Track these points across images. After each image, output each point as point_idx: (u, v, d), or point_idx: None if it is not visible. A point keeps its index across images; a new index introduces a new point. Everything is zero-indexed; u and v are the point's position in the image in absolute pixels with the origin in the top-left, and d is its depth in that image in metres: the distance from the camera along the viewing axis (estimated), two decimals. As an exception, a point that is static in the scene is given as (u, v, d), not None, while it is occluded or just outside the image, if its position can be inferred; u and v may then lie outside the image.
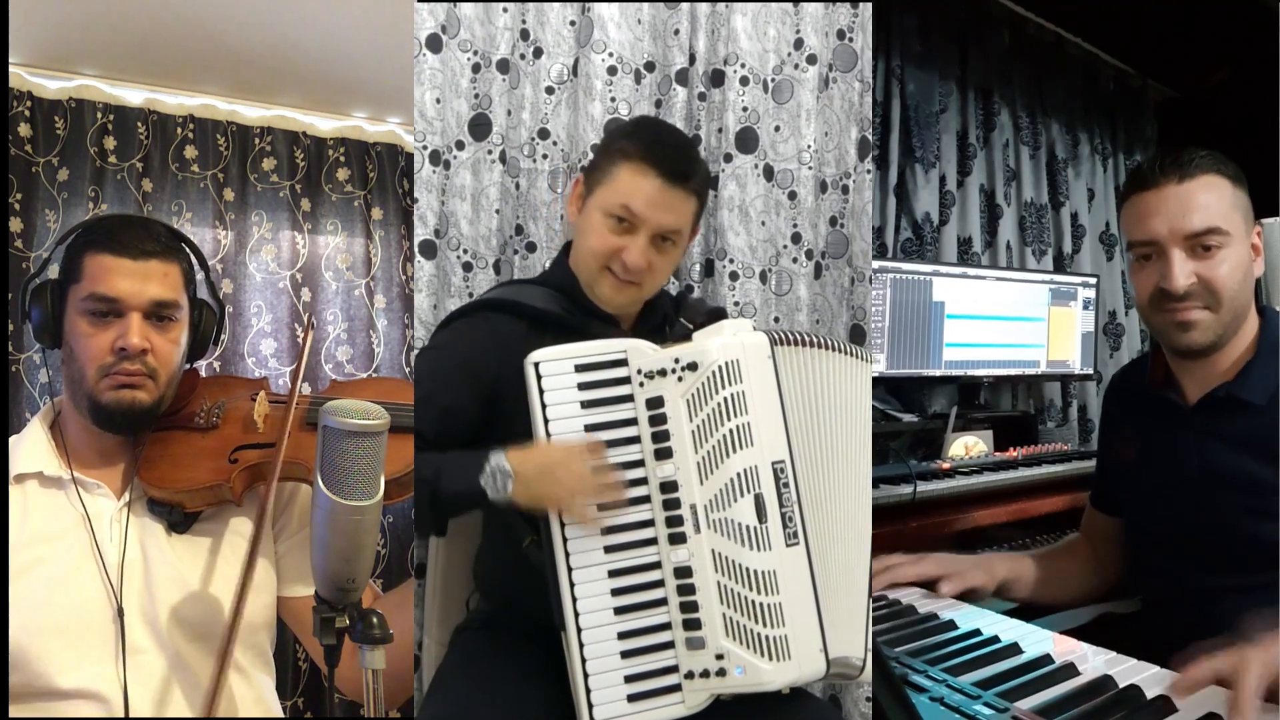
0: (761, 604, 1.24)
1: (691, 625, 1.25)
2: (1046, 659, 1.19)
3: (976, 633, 1.29)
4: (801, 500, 1.30)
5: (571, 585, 1.26)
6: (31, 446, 1.38)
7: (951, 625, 1.33)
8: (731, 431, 1.27)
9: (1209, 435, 1.36)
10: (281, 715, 1.50)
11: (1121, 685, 1.09)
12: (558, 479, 1.24)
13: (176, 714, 1.32)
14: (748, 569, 1.25)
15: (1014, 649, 1.23)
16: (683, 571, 1.27)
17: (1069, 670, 1.15)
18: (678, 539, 1.27)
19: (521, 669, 1.35)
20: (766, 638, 1.24)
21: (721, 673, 1.24)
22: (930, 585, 1.48)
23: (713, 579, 1.25)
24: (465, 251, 1.88)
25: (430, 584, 1.69)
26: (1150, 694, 1.07)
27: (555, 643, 1.28)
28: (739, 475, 1.27)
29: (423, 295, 1.85)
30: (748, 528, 1.26)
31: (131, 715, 1.28)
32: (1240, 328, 1.36)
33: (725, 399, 1.28)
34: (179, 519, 1.37)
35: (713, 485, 1.27)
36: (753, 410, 1.29)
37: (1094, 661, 1.18)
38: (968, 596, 1.47)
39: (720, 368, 1.28)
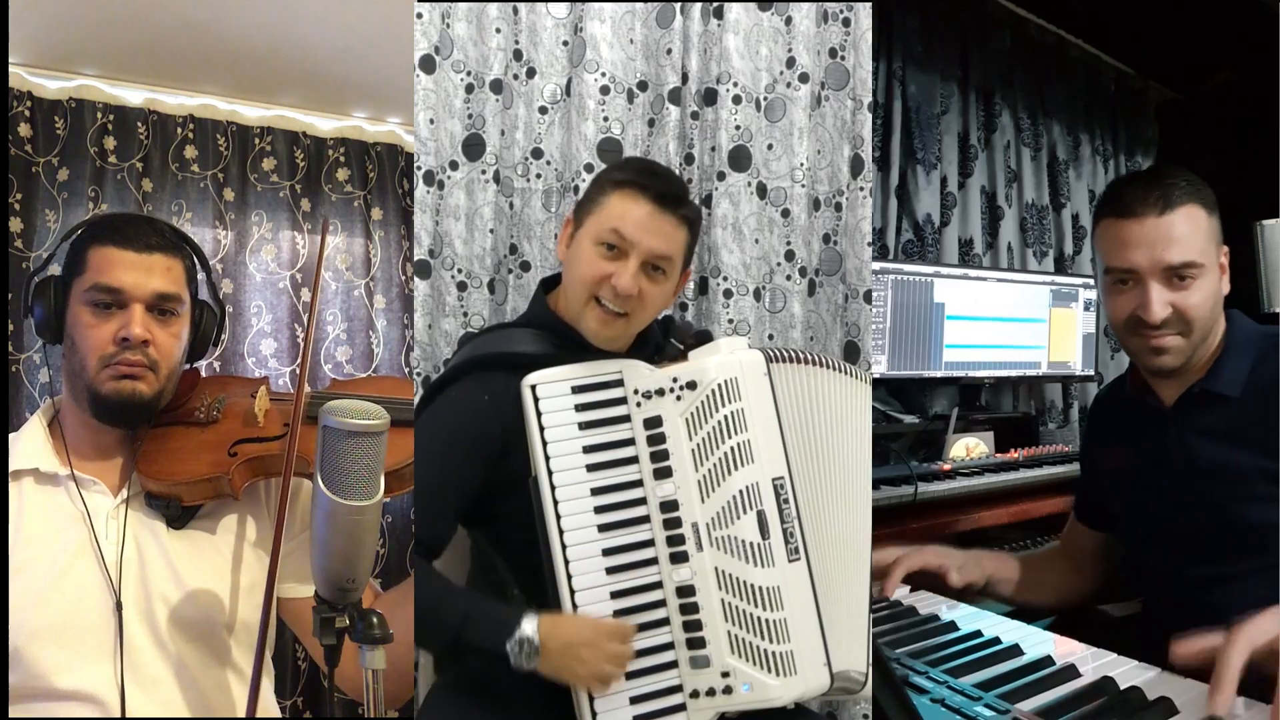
0: (767, 620, 1.25)
1: (696, 644, 1.25)
2: (1047, 660, 1.19)
3: (977, 634, 1.29)
4: (801, 516, 1.30)
5: (575, 607, 1.26)
6: (28, 443, 1.38)
7: (953, 627, 1.33)
8: (732, 449, 1.28)
9: (1189, 430, 1.41)
10: (281, 715, 1.49)
11: (1122, 687, 1.09)
12: (582, 659, 1.22)
13: (175, 714, 1.32)
14: (752, 585, 1.25)
15: (1015, 650, 1.23)
16: (685, 591, 1.27)
17: (1070, 672, 1.15)
18: (679, 558, 1.27)
19: (515, 692, 1.34)
20: (773, 654, 1.24)
21: (728, 690, 1.24)
22: (931, 578, 1.50)
23: (716, 597, 1.26)
24: (460, 271, 1.88)
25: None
26: (1151, 696, 1.07)
27: None
28: (741, 493, 1.27)
29: (418, 315, 1.85)
30: (751, 544, 1.26)
31: (129, 715, 1.27)
32: (1208, 342, 1.41)
33: (725, 417, 1.29)
34: (177, 513, 1.37)
35: (714, 503, 1.27)
36: (752, 427, 1.30)
37: (1095, 663, 1.18)
38: (960, 594, 1.49)
39: (720, 386, 1.29)
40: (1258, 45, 2.64)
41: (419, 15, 1.85)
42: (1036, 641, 1.26)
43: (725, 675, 1.24)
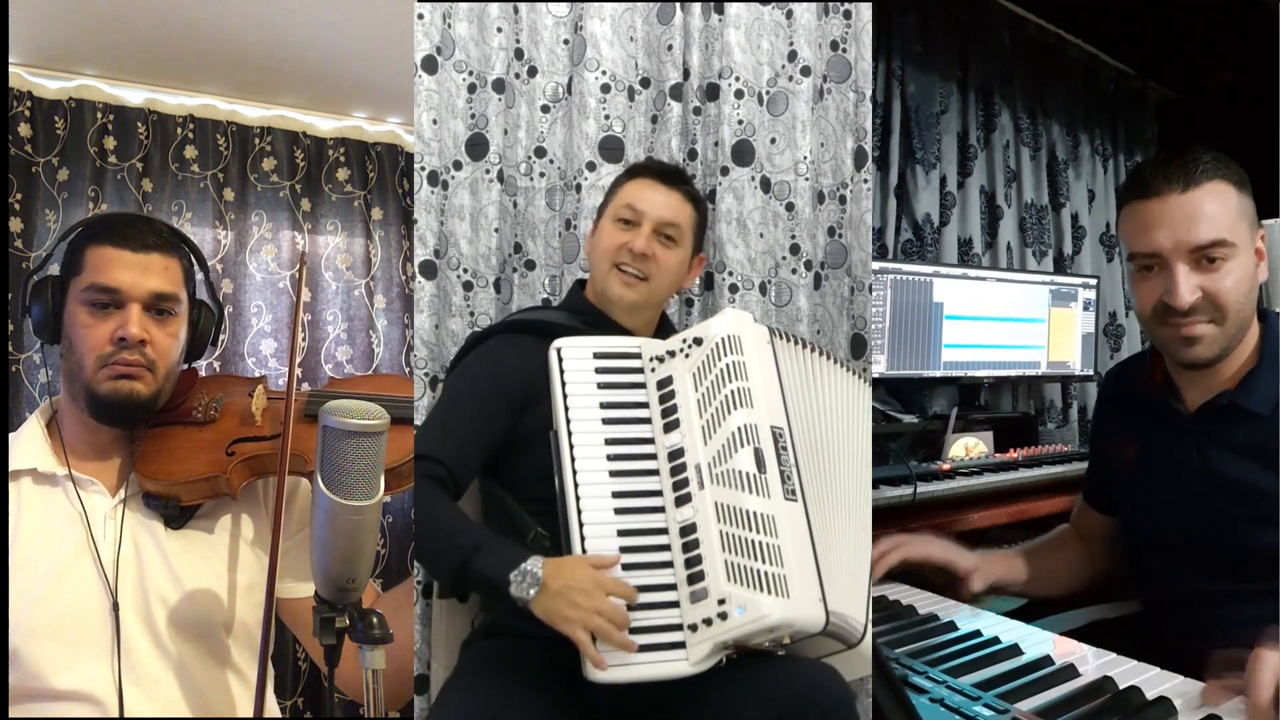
0: (760, 543, 1.29)
1: (695, 579, 1.29)
2: (1047, 660, 1.19)
3: (977, 634, 1.29)
4: (800, 469, 1.38)
5: (583, 540, 1.31)
6: (27, 444, 1.38)
7: (952, 626, 1.33)
8: (732, 393, 1.38)
9: (1210, 442, 1.34)
10: (280, 715, 1.49)
11: (1122, 686, 1.09)
12: (577, 604, 1.24)
13: (173, 714, 1.32)
14: (748, 511, 1.31)
15: (1014, 650, 1.23)
16: (688, 529, 1.32)
17: (1069, 671, 1.15)
18: (683, 500, 1.34)
19: (525, 671, 1.35)
20: (766, 574, 1.27)
21: (724, 616, 1.25)
22: (938, 576, 1.49)
23: (715, 529, 1.30)
24: (465, 271, 1.88)
25: (437, 607, 1.69)
26: (1150, 695, 1.07)
27: (559, 645, 1.28)
28: (739, 430, 1.35)
29: (424, 315, 1.85)
30: (747, 475, 1.33)
31: (127, 715, 1.27)
32: (1244, 338, 1.32)
33: (727, 365, 1.39)
34: (175, 512, 1.37)
35: (716, 443, 1.35)
36: (752, 378, 1.40)
37: (1094, 663, 1.18)
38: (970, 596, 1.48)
39: (723, 339, 1.41)
40: (1258, 45, 2.64)
41: (420, 16, 1.85)
42: (1036, 641, 1.26)
43: (721, 602, 1.26)
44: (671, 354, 1.43)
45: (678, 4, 1.93)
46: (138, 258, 1.35)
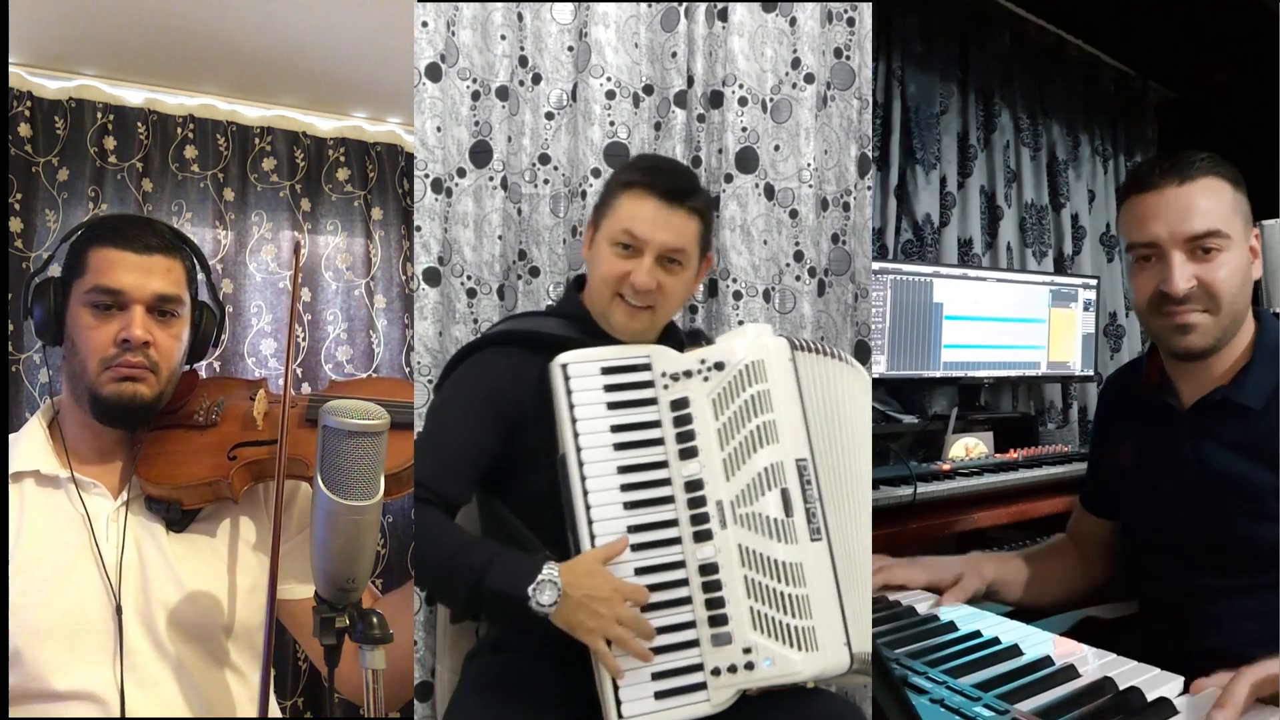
0: (790, 595, 1.26)
1: (718, 621, 1.26)
2: (1047, 661, 1.19)
3: (977, 634, 1.29)
4: (823, 499, 1.33)
5: None
6: (29, 445, 1.38)
7: (952, 627, 1.33)
8: (758, 428, 1.32)
9: (1205, 438, 1.36)
10: (280, 715, 1.49)
11: (1122, 687, 1.09)
12: (598, 614, 1.23)
13: (175, 714, 1.32)
14: (776, 561, 1.27)
15: (1014, 651, 1.23)
16: (708, 569, 1.28)
17: (1069, 672, 1.15)
18: (703, 536, 1.29)
19: (533, 690, 1.35)
20: (795, 629, 1.25)
21: (750, 666, 1.24)
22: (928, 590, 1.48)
23: (739, 573, 1.27)
24: (469, 278, 1.88)
25: (441, 613, 1.68)
26: (1150, 696, 1.07)
27: (565, 660, 1.28)
28: (765, 470, 1.30)
29: (427, 322, 1.85)
30: (775, 521, 1.29)
31: (128, 716, 1.27)
32: (1237, 331, 1.35)
33: (751, 396, 1.33)
34: (177, 516, 1.37)
35: (739, 481, 1.30)
36: (777, 408, 1.33)
37: (1094, 664, 1.18)
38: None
39: (747, 366, 1.34)
40: (1258, 45, 2.65)
41: (424, 24, 1.85)
42: (1036, 641, 1.26)
43: (747, 651, 1.24)
44: (688, 374, 1.35)
45: (681, 10, 1.94)
46: (140, 259, 1.35)
